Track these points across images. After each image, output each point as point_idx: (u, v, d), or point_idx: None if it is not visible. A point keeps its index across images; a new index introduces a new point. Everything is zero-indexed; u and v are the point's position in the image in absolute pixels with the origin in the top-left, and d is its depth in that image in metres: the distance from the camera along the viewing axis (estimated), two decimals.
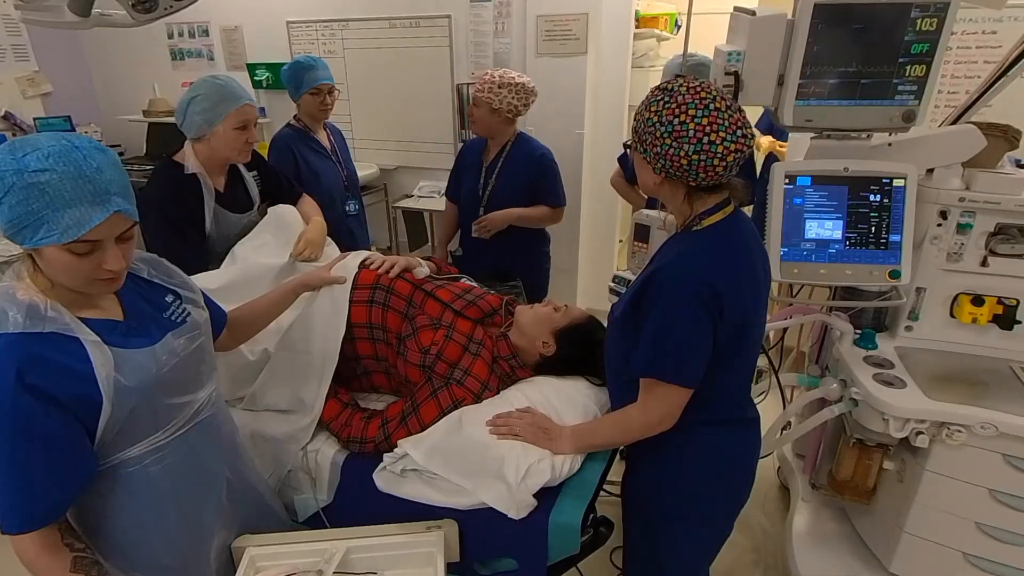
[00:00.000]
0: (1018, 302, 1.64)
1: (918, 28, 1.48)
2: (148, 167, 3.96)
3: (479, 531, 1.32)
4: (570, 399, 1.47)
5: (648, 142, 1.15)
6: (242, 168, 1.95)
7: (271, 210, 1.95)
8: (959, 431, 1.48)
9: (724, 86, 1.59)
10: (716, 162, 1.11)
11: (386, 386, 1.64)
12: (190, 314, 1.15)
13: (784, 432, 1.90)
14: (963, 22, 2.46)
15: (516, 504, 1.27)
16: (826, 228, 1.62)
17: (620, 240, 3.82)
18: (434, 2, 3.46)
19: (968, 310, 1.67)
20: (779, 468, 2.50)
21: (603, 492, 1.52)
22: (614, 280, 1.99)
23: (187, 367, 1.11)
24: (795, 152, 2.44)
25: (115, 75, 4.50)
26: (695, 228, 1.20)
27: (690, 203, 1.20)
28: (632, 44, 3.43)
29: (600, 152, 3.45)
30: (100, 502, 1.05)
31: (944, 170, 1.64)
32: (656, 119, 1.12)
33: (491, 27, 3.34)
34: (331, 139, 2.64)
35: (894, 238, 1.60)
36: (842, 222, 1.61)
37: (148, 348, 1.04)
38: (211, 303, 1.28)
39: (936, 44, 1.50)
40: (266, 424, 1.51)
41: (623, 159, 2.76)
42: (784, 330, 2.33)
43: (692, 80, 1.13)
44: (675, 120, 1.10)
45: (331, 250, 1.95)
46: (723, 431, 1.31)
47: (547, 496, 1.31)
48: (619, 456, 1.73)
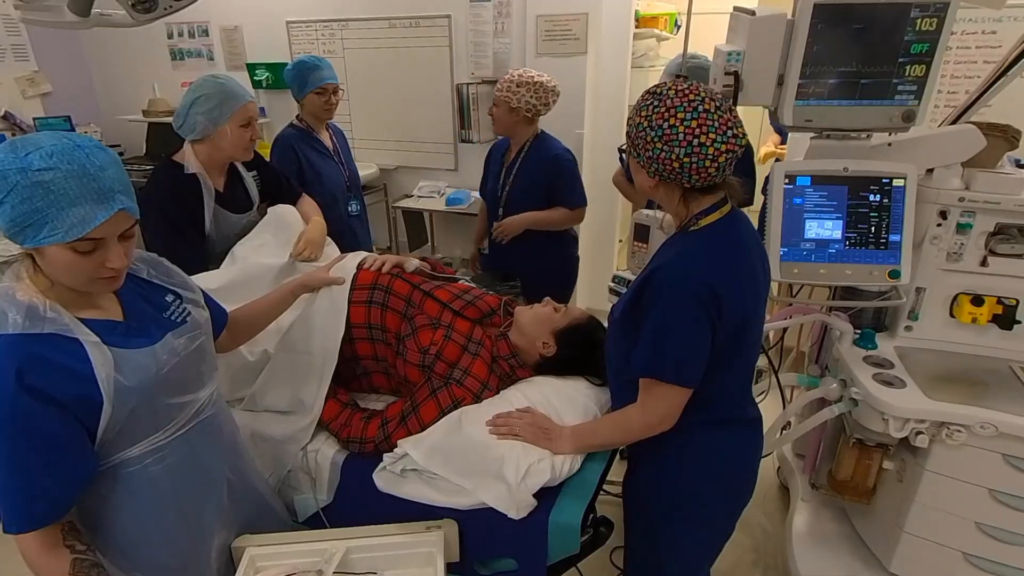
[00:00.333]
0: (1018, 302, 1.64)
1: (918, 28, 1.48)
2: (148, 167, 3.96)
3: (479, 531, 1.32)
4: (570, 399, 1.47)
5: (640, 146, 1.16)
6: (242, 168, 1.95)
7: (271, 210, 1.95)
8: (959, 431, 1.48)
9: (724, 86, 1.59)
10: (708, 163, 1.11)
11: (385, 386, 1.64)
12: (190, 314, 1.15)
13: (784, 432, 1.90)
14: (963, 22, 2.46)
15: (516, 504, 1.27)
16: (826, 228, 1.62)
17: (620, 240, 3.82)
18: (434, 2, 3.46)
19: (968, 310, 1.67)
20: (779, 468, 2.50)
21: (603, 492, 1.52)
22: (614, 280, 2.00)
23: (188, 367, 1.11)
24: (795, 152, 2.44)
25: (115, 75, 4.50)
26: (692, 228, 1.21)
27: (686, 204, 1.21)
28: (632, 44, 3.43)
29: (600, 152, 3.45)
30: (100, 502, 1.05)
31: (944, 170, 1.64)
32: (646, 123, 1.13)
33: (491, 27, 3.34)
34: (333, 139, 2.64)
35: (894, 238, 1.60)
36: (842, 222, 1.61)
37: (148, 348, 1.04)
38: (212, 302, 1.28)
39: (936, 44, 1.50)
40: (266, 424, 1.51)
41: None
42: (784, 330, 2.32)
43: (681, 83, 1.13)
44: (664, 124, 1.11)
45: (331, 250, 1.95)
46: (724, 431, 1.31)
47: (547, 496, 1.31)
48: (619, 456, 1.73)
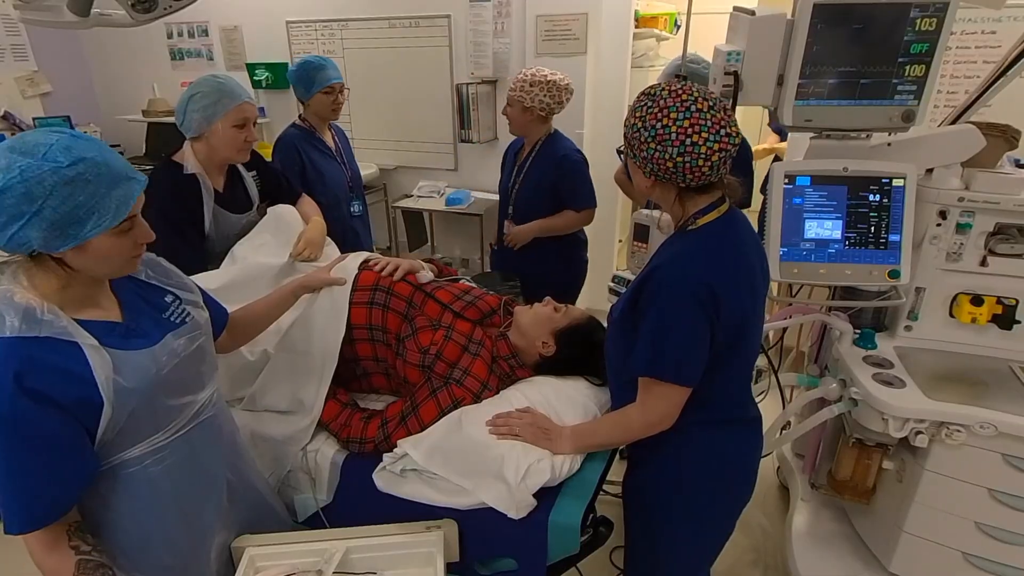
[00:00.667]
0: (1017, 302, 1.64)
1: (917, 28, 1.48)
2: (147, 167, 3.94)
3: (479, 531, 1.32)
4: (570, 399, 1.47)
5: (636, 147, 1.17)
6: (241, 168, 1.95)
7: (271, 210, 1.95)
8: (958, 431, 1.49)
9: (724, 86, 1.59)
10: (701, 163, 1.11)
11: (385, 387, 1.64)
12: (190, 314, 1.15)
13: (783, 432, 1.91)
14: (962, 22, 2.46)
15: (516, 504, 1.27)
16: (825, 228, 1.62)
17: (620, 240, 3.82)
18: (434, 2, 3.46)
19: (967, 310, 1.67)
20: (779, 468, 2.50)
21: (603, 492, 1.52)
22: (614, 280, 2.00)
23: (188, 368, 1.11)
24: (795, 152, 2.44)
25: (114, 75, 4.50)
26: (690, 228, 1.21)
27: (682, 204, 1.21)
28: (632, 44, 3.43)
29: (600, 152, 3.44)
30: (100, 502, 1.04)
31: (943, 170, 1.64)
32: (640, 124, 1.14)
33: (491, 27, 3.33)
34: (336, 139, 2.64)
35: (893, 238, 1.60)
36: (841, 222, 1.61)
37: (148, 349, 1.04)
38: (212, 302, 1.28)
39: (935, 44, 1.50)
40: (266, 425, 1.51)
41: None
42: (783, 330, 2.32)
43: (675, 83, 1.14)
44: (658, 124, 1.11)
45: (331, 250, 1.95)
46: (723, 431, 1.31)
47: (547, 496, 1.31)
48: (619, 456, 1.73)
